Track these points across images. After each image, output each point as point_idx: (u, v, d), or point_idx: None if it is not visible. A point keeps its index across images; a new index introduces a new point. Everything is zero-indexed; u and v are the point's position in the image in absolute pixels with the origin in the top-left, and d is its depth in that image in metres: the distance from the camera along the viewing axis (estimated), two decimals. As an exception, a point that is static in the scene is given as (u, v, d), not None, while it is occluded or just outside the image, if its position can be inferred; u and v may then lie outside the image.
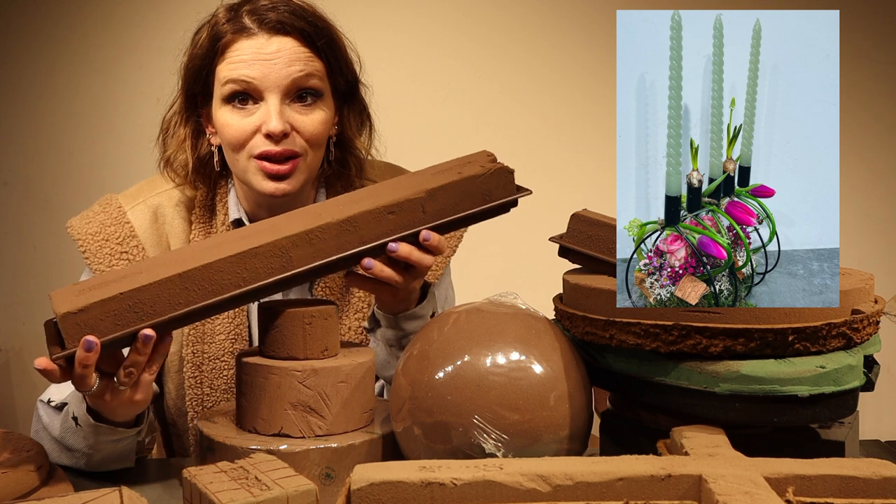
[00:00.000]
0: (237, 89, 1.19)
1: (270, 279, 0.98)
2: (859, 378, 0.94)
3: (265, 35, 1.19)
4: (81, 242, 1.26)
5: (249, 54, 1.19)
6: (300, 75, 1.20)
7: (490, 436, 0.91)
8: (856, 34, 2.72)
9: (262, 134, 1.19)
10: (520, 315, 1.00)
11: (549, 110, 2.64)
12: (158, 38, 2.59)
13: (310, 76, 1.21)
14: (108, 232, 1.26)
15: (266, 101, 1.19)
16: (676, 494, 0.79)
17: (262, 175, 1.20)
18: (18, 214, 2.69)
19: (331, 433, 1.02)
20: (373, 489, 0.78)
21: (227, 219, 1.29)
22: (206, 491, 0.82)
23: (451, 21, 2.66)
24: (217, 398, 1.27)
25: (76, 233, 1.26)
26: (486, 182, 1.06)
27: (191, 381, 1.26)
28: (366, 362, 1.05)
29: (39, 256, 2.69)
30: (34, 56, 2.66)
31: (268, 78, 1.18)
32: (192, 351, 1.26)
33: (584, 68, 2.73)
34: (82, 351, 0.91)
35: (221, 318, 1.27)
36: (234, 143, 1.21)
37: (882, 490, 0.79)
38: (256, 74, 1.18)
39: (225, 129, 1.21)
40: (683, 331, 0.92)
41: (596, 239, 1.09)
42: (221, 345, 1.26)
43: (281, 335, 1.03)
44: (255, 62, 1.18)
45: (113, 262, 1.24)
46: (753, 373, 0.90)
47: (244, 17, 1.21)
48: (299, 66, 1.20)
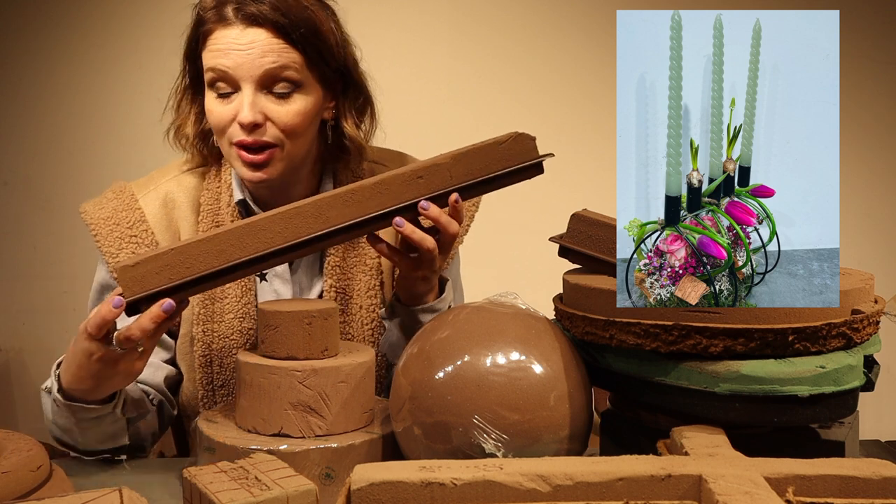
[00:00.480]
0: (215, 77, 1.22)
1: (310, 235, 1.05)
2: (859, 378, 0.94)
3: (240, 26, 1.21)
4: (94, 227, 1.29)
5: (225, 44, 1.21)
6: (273, 66, 1.21)
7: (490, 436, 0.91)
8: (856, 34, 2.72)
9: (237, 122, 1.21)
10: (520, 315, 1.00)
11: (549, 110, 2.65)
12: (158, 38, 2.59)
13: (284, 67, 1.21)
14: (119, 217, 1.29)
15: (242, 92, 1.21)
16: (676, 494, 0.79)
17: (241, 162, 1.23)
18: (18, 214, 2.69)
19: (331, 433, 1.02)
20: (373, 489, 0.78)
21: (232, 200, 1.31)
22: (206, 491, 0.82)
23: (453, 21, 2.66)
24: (226, 377, 1.29)
25: (89, 217, 1.30)
26: (509, 148, 1.11)
27: (200, 360, 1.29)
28: (366, 362, 1.05)
29: (39, 256, 2.69)
30: (34, 56, 2.66)
31: (241, 67, 1.20)
32: (203, 330, 1.29)
33: (584, 68, 2.73)
34: (159, 309, 1.00)
35: (230, 297, 1.29)
36: (217, 128, 1.24)
37: (882, 490, 0.79)
38: (231, 64, 1.20)
39: (210, 115, 1.24)
40: (683, 331, 0.92)
41: (596, 239, 1.09)
42: (230, 324, 1.29)
43: (281, 335, 1.03)
44: (230, 52, 1.21)
45: (122, 246, 1.28)
46: (753, 373, 0.90)
47: (226, 6, 1.22)
48: (272, 58, 1.21)
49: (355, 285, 1.32)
